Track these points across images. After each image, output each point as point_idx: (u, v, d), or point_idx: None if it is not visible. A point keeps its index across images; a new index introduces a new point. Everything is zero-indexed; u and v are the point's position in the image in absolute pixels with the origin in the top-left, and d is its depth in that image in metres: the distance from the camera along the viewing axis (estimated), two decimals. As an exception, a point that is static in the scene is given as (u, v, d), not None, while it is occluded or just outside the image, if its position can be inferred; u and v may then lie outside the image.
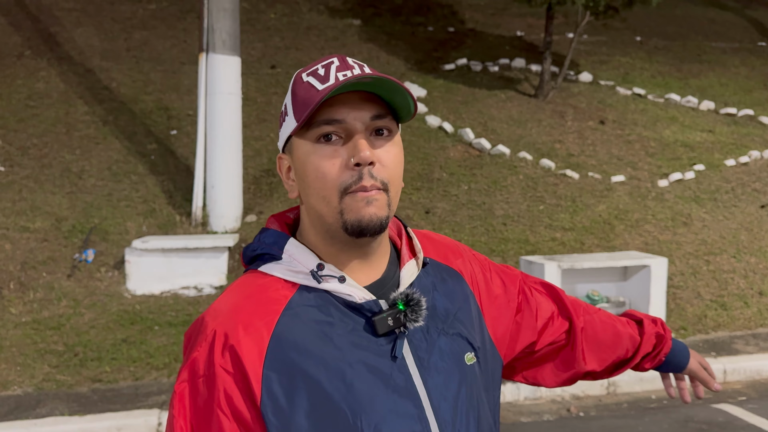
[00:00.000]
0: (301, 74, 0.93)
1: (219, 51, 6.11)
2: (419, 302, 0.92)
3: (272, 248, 0.94)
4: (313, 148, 0.89)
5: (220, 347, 0.85)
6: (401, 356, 0.91)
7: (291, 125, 0.92)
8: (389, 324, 0.90)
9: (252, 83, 8.55)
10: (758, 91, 10.41)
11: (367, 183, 0.87)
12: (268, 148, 7.49)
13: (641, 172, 7.74)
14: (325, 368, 0.86)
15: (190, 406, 0.86)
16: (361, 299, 0.91)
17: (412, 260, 0.99)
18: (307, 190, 0.91)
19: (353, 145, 0.87)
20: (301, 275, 0.92)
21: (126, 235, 5.90)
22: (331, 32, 10.63)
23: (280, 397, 0.84)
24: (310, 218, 0.94)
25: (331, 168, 0.88)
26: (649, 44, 11.85)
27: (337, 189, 0.87)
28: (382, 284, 0.95)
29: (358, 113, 0.88)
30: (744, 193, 7.53)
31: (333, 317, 0.90)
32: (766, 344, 5.18)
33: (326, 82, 0.88)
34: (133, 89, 8.11)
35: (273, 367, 0.85)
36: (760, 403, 4.28)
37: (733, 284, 6.03)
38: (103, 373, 4.41)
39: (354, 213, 0.87)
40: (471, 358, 0.99)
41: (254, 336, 0.86)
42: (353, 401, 0.86)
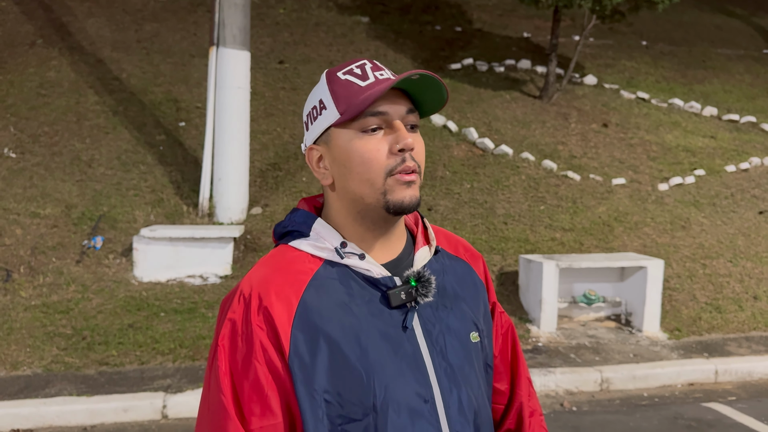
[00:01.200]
0: (335, 73, 1.05)
1: (229, 45, 6.22)
2: (429, 280, 1.04)
3: (302, 226, 1.07)
4: (357, 137, 1.01)
5: (256, 308, 0.99)
6: (411, 327, 1.03)
7: (331, 117, 1.03)
8: (402, 298, 1.02)
9: (260, 78, 8.66)
10: (761, 98, 10.49)
11: (411, 164, 1.01)
12: (274, 142, 7.60)
13: (642, 175, 7.83)
14: (343, 333, 0.99)
15: (230, 358, 0.99)
16: (378, 275, 1.04)
17: (425, 246, 1.13)
18: (349, 175, 1.03)
19: (397, 134, 1.00)
20: (326, 251, 1.04)
21: (134, 223, 6.02)
22: (339, 29, 10.73)
23: (304, 355, 0.97)
24: (343, 201, 1.06)
25: (377, 154, 1.00)
26: (655, 49, 11.92)
27: (383, 172, 1.00)
28: (398, 263, 1.08)
29: (397, 107, 1.01)
30: (743, 199, 7.62)
31: (353, 289, 1.02)
32: (758, 347, 5.28)
33: (366, 80, 1.02)
34: (143, 80, 8.23)
35: (300, 328, 0.98)
36: (749, 403, 4.39)
37: (729, 288, 6.12)
38: (110, 356, 4.53)
39: (397, 193, 1.00)
40: (476, 336, 1.11)
41: (285, 301, 1.00)
42: (367, 363, 0.98)
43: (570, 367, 4.70)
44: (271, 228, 6.30)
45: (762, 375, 4.90)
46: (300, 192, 6.81)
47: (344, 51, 10.06)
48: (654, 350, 5.13)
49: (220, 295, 5.41)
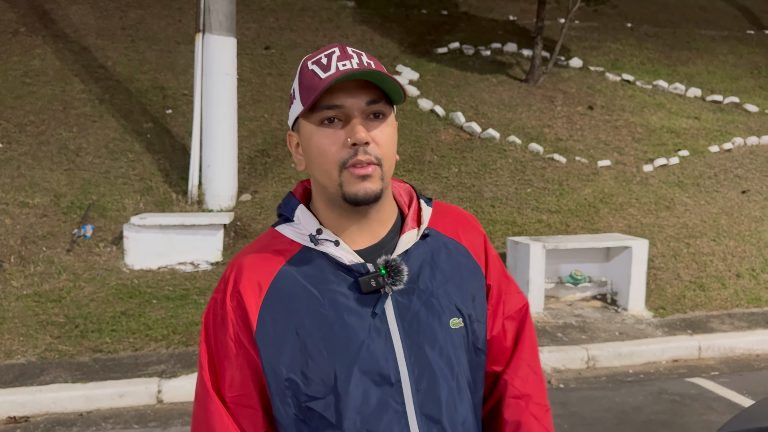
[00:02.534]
0: (307, 62, 1.06)
1: (215, 32, 6.21)
2: (398, 268, 1.05)
3: (288, 210, 1.12)
4: (316, 130, 1.04)
5: (231, 290, 1.07)
6: (382, 313, 1.05)
7: (298, 108, 1.06)
8: (372, 285, 1.04)
9: (246, 64, 8.64)
10: (745, 79, 10.60)
11: (362, 158, 1.01)
12: (262, 128, 7.61)
13: (627, 157, 7.93)
14: (310, 314, 1.04)
15: (210, 334, 1.09)
16: (350, 262, 1.06)
17: (413, 230, 1.12)
18: (312, 164, 1.07)
19: (350, 127, 1.02)
20: (304, 236, 1.09)
21: (123, 211, 6.03)
22: (325, 13, 10.69)
23: (271, 335, 1.03)
24: (316, 188, 1.10)
25: (330, 146, 1.03)
26: (640, 31, 11.99)
27: (336, 164, 1.02)
28: (378, 249, 1.09)
29: (355, 99, 1.02)
30: (726, 178, 7.73)
31: (325, 274, 1.06)
32: (740, 323, 5.41)
33: (328, 71, 1.02)
34: (128, 68, 8.19)
35: (268, 310, 1.04)
36: (731, 378, 4.52)
37: (712, 266, 6.25)
38: (104, 343, 4.57)
39: (351, 186, 1.02)
40: (457, 323, 1.10)
41: (255, 284, 1.06)
42: (330, 343, 1.03)
43: (557, 346, 4.80)
44: (260, 215, 6.34)
45: (743, 350, 5.03)
46: (289, 178, 6.84)
47: (330, 36, 10.04)
48: (639, 328, 5.25)
49: (211, 282, 5.46)
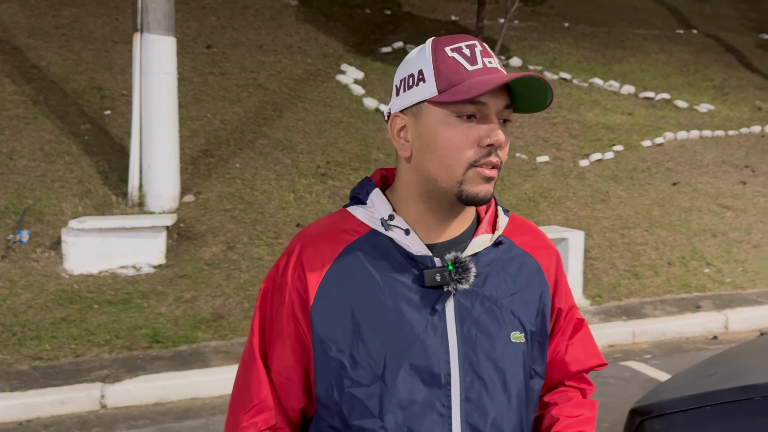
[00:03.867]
0: (443, 47, 1.01)
1: (154, 31, 6.11)
2: (467, 267, 1.02)
3: (362, 193, 1.10)
4: (449, 120, 0.99)
5: (294, 262, 1.05)
6: (442, 310, 1.02)
7: (428, 92, 1.00)
8: (436, 279, 1.01)
9: (187, 63, 8.52)
10: (675, 76, 11.09)
11: (495, 159, 0.99)
12: (205, 128, 7.53)
13: (564, 152, 8.19)
14: (368, 300, 1.01)
15: (267, 300, 1.08)
16: (417, 252, 1.03)
17: (487, 234, 1.09)
18: (430, 155, 1.01)
19: (491, 128, 0.98)
20: (375, 220, 1.06)
21: (61, 215, 5.88)
22: (267, 12, 10.63)
23: (327, 311, 1.01)
24: (415, 177, 1.04)
25: (464, 142, 0.98)
26: (577, 30, 12.37)
27: (465, 162, 0.99)
28: (451, 245, 1.06)
29: (496, 100, 0.99)
30: (658, 172, 8.09)
31: (389, 261, 1.03)
32: (671, 308, 5.68)
33: (475, 64, 0.99)
34: (63, 68, 7.96)
35: (327, 286, 1.02)
36: (662, 360, 4.76)
37: (645, 255, 6.53)
38: (43, 351, 4.47)
39: (474, 186, 0.99)
40: (518, 337, 1.06)
41: (319, 258, 1.04)
42: (385, 333, 1.00)
43: (500, 337, 4.95)
44: (204, 215, 6.29)
45: (674, 334, 5.30)
46: (234, 178, 6.80)
47: (274, 35, 10.00)
48: (577, 317, 5.46)
49: (154, 285, 5.38)
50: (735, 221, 7.22)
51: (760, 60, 12.15)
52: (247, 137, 7.52)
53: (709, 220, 7.19)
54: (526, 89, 1.00)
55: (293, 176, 6.98)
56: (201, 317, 5.05)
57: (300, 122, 7.97)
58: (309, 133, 7.76)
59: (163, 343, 4.69)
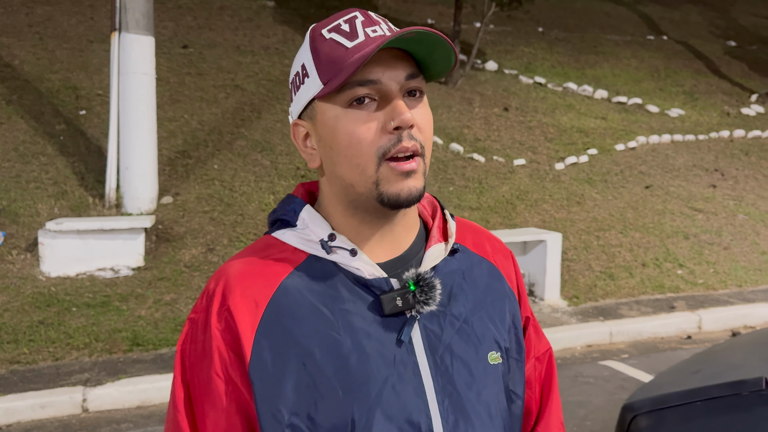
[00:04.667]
0: (320, 30, 0.86)
1: (132, 31, 6.06)
2: (432, 284, 0.86)
3: (289, 214, 0.91)
4: (344, 113, 0.83)
5: (217, 308, 0.84)
6: (408, 341, 0.85)
7: (314, 88, 0.85)
8: (398, 304, 0.84)
9: (164, 63, 8.44)
10: (646, 81, 11.33)
11: (408, 143, 0.82)
12: (182, 129, 7.47)
13: (540, 155, 8.32)
14: (319, 340, 0.82)
15: (188, 365, 0.86)
16: (370, 275, 0.86)
17: (440, 243, 0.93)
18: (337, 158, 0.85)
19: (392, 107, 0.81)
20: (312, 244, 0.88)
21: (37, 217, 5.79)
22: (245, 13, 10.59)
23: (269, 366, 0.81)
24: (333, 188, 0.89)
25: (366, 133, 0.82)
26: (550, 35, 12.56)
27: (374, 155, 0.82)
28: (401, 262, 0.89)
29: (393, 72, 0.82)
30: (631, 175, 8.26)
31: (338, 291, 0.85)
32: (647, 309, 5.81)
33: (355, 39, 0.82)
34: (37, 67, 7.83)
35: (266, 333, 0.82)
36: (639, 359, 4.87)
37: (620, 257, 6.67)
38: (21, 354, 4.39)
39: (391, 185, 0.83)
40: (495, 357, 0.91)
41: (250, 300, 0.84)
42: (347, 380, 0.81)
43: (481, 337, 5.02)
44: (183, 217, 6.24)
45: (650, 334, 5.42)
46: (212, 180, 6.76)
47: (251, 35, 9.96)
48: (555, 316, 5.55)
49: (133, 288, 5.33)
50: (706, 224, 7.41)
51: (727, 66, 12.48)
52: (225, 138, 7.48)
53: (681, 222, 7.37)
54: (425, 49, 0.83)
55: (272, 178, 6.97)
56: (181, 320, 5.01)
57: (278, 123, 7.96)
58: (288, 135, 7.75)
59: (144, 346, 4.65)
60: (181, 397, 0.86)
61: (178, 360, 0.87)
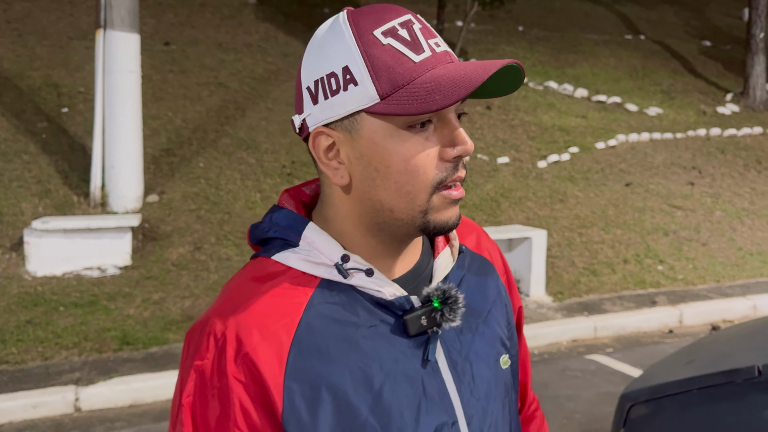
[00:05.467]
0: (372, 30, 0.74)
1: (118, 28, 6.01)
2: (457, 300, 0.82)
3: (287, 232, 0.82)
4: (399, 135, 0.75)
5: (233, 354, 0.75)
6: (434, 360, 0.82)
7: (364, 99, 0.74)
8: (423, 324, 0.80)
9: (146, 60, 8.36)
10: (625, 80, 11.51)
11: (462, 173, 0.78)
12: (166, 127, 7.43)
13: (523, 154, 8.43)
14: (351, 377, 0.77)
15: (199, 422, 0.76)
16: (391, 296, 0.80)
17: (446, 249, 0.89)
18: (381, 181, 0.77)
19: (453, 135, 0.76)
20: (323, 267, 0.80)
21: (21, 216, 5.73)
22: (226, 10, 10.55)
23: (302, 411, 0.74)
24: (359, 208, 0.80)
25: (425, 160, 0.75)
26: (531, 34, 12.70)
27: (429, 185, 0.76)
28: (414, 276, 0.85)
29: None
30: (612, 173, 8.40)
31: (359, 317, 0.79)
32: (629, 304, 5.93)
33: (421, 53, 0.74)
34: (17, 64, 7.73)
35: (295, 377, 0.75)
36: (623, 353, 4.98)
37: (602, 253, 6.80)
38: (10, 354, 4.36)
39: (441, 215, 0.79)
40: (506, 361, 0.91)
41: (273, 342, 0.75)
42: (382, 415, 0.77)
43: (469, 333, 5.09)
44: (169, 216, 6.22)
45: (633, 328, 5.54)
46: (198, 178, 6.74)
47: (233, 33, 9.93)
48: (541, 312, 5.64)
49: (120, 287, 5.31)
50: (685, 220, 7.58)
51: (703, 66, 12.74)
52: (210, 136, 7.46)
53: (660, 219, 7.52)
54: (506, 82, 0.79)
55: (258, 176, 6.97)
56: (170, 318, 5.01)
57: (263, 122, 7.96)
58: (273, 133, 7.75)
59: (134, 345, 4.64)
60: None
61: (187, 418, 0.76)
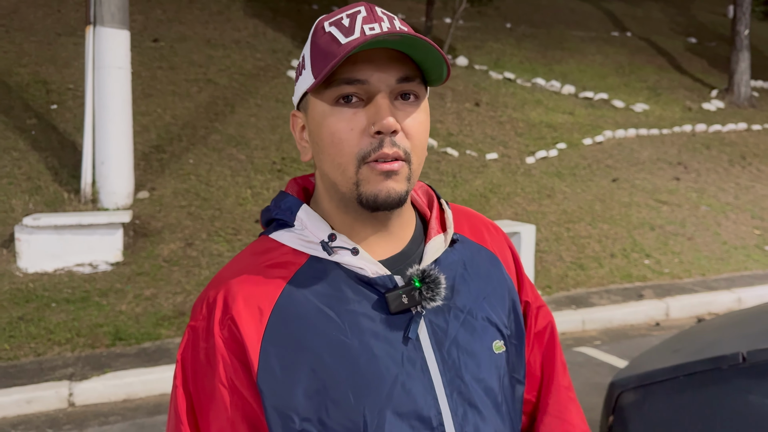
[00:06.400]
0: (323, 22, 0.84)
1: (107, 24, 6.00)
2: (437, 280, 0.86)
3: (285, 213, 0.90)
4: (330, 110, 0.82)
5: (219, 317, 0.83)
6: (416, 338, 0.85)
7: (308, 81, 0.84)
8: (404, 302, 0.84)
9: (135, 57, 8.34)
10: (611, 77, 11.63)
11: (390, 150, 0.80)
12: (155, 123, 7.43)
13: (511, 150, 8.50)
14: (328, 344, 0.82)
15: (190, 376, 0.85)
16: (374, 273, 0.85)
17: (440, 235, 0.93)
18: (321, 155, 0.85)
19: (375, 110, 0.80)
20: (312, 245, 0.87)
21: (12, 212, 5.71)
22: (215, 6, 10.53)
23: (277, 373, 0.80)
24: (324, 184, 0.88)
25: (348, 134, 0.81)
26: (518, 31, 12.78)
27: (354, 157, 0.81)
28: (402, 259, 0.89)
29: (383, 74, 0.81)
30: (599, 168, 8.50)
31: (342, 292, 0.85)
32: (616, 297, 6.03)
33: (350, 35, 0.80)
34: (5, 61, 7.68)
35: (272, 340, 0.81)
36: (611, 345, 5.07)
37: (590, 248, 6.89)
38: (2, 350, 4.36)
39: (370, 186, 0.82)
40: (500, 346, 0.92)
41: (254, 307, 0.83)
42: (357, 382, 0.81)
43: (459, 327, 5.15)
44: (160, 212, 6.22)
45: (620, 321, 5.63)
46: (188, 174, 6.75)
47: (221, 29, 9.91)
48: (530, 306, 5.72)
49: (112, 283, 5.31)
50: (671, 215, 7.69)
51: (688, 63, 12.89)
52: (200, 133, 7.46)
53: (647, 214, 7.62)
54: (422, 57, 0.82)
55: (249, 172, 6.99)
56: (162, 314, 5.03)
57: (252, 118, 7.97)
58: (262, 129, 7.77)
59: (126, 341, 4.65)
60: (183, 408, 0.84)
61: (178, 369, 0.85)
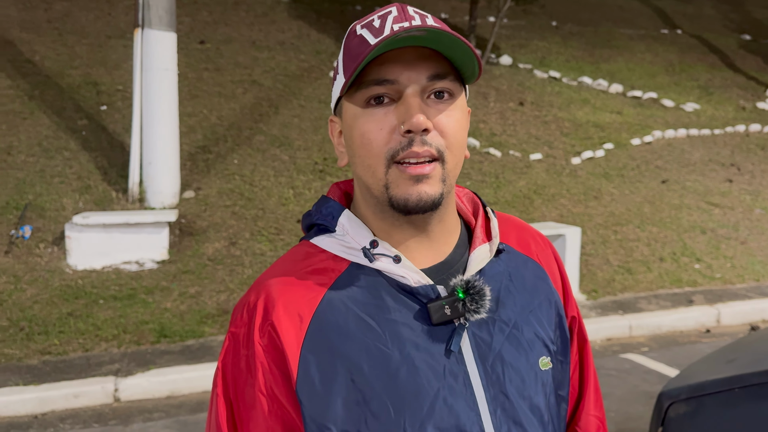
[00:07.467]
0: (356, 26, 0.84)
1: (155, 27, 6.12)
2: (482, 291, 0.83)
3: (327, 218, 0.88)
4: (361, 112, 0.81)
5: (259, 323, 0.82)
6: (458, 351, 0.83)
7: (340, 85, 0.83)
8: (446, 313, 0.81)
9: (182, 58, 8.51)
10: (661, 75, 11.30)
11: (419, 149, 0.78)
12: (201, 124, 7.55)
13: (556, 150, 8.34)
14: (368, 354, 0.80)
15: (230, 383, 0.84)
16: (416, 283, 0.83)
17: (485, 244, 0.90)
18: (354, 158, 0.84)
19: (404, 108, 0.78)
20: (353, 251, 0.85)
21: (63, 211, 5.88)
22: (260, 8, 10.65)
23: (317, 382, 0.79)
24: (360, 189, 0.87)
25: (378, 133, 0.79)
26: (564, 29, 12.54)
27: (383, 157, 0.79)
28: (445, 268, 0.86)
29: (413, 72, 0.79)
30: (647, 169, 8.27)
31: (383, 300, 0.82)
32: (665, 303, 5.84)
33: (380, 35, 0.78)
34: (58, 63, 7.92)
35: (312, 349, 0.80)
36: (659, 352, 4.91)
37: (638, 251, 6.70)
38: (52, 345, 4.49)
39: (400, 189, 0.79)
40: (546, 362, 0.89)
41: (294, 315, 0.81)
42: (396, 395, 0.79)
43: (501, 330, 5.07)
44: (205, 211, 6.32)
45: (669, 327, 5.45)
46: (233, 174, 6.83)
47: (266, 30, 10.02)
48: (575, 311, 5.59)
49: (158, 281, 5.42)
50: (723, 218, 7.42)
51: (742, 60, 12.43)
52: (244, 133, 7.55)
53: (698, 217, 7.38)
54: (451, 52, 0.80)
55: (291, 172, 7.04)
56: (206, 312, 5.10)
57: (296, 119, 8.02)
58: (305, 130, 7.81)
59: (171, 338, 4.73)
60: (223, 415, 0.83)
61: (219, 376, 0.85)
